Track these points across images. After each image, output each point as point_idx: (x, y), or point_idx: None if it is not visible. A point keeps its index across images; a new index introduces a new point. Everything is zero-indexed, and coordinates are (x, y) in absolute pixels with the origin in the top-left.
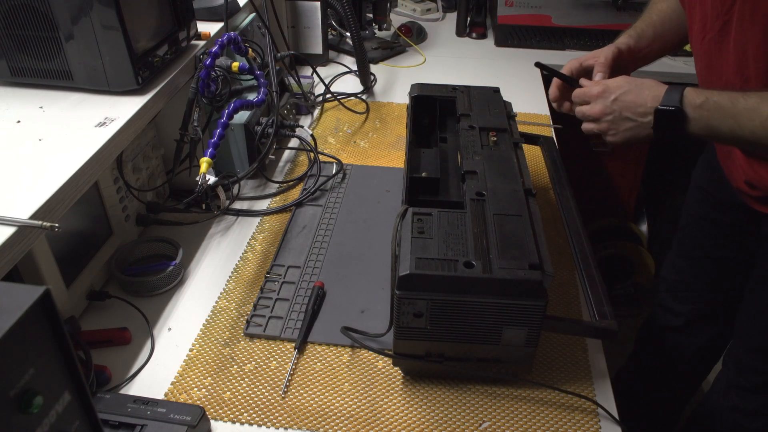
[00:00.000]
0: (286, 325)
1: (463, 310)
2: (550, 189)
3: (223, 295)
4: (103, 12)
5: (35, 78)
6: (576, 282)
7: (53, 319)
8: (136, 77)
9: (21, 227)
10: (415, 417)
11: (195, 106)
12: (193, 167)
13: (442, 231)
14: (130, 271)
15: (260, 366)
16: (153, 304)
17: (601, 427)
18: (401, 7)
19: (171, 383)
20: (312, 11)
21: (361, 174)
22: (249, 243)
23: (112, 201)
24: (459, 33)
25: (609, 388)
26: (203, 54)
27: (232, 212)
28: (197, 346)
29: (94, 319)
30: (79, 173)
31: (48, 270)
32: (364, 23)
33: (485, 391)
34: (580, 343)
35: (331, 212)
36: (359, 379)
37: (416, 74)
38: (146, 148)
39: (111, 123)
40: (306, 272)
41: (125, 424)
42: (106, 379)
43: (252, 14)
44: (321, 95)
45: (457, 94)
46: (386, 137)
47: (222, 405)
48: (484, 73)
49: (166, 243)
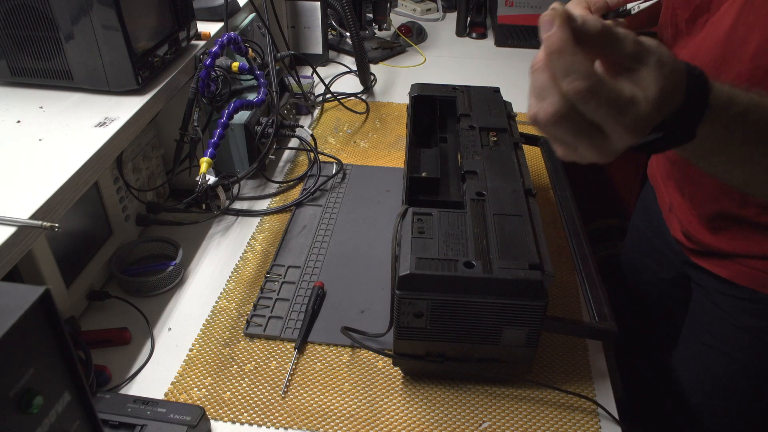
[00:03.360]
0: (286, 325)
1: (463, 310)
2: (550, 189)
3: (223, 295)
4: (103, 12)
5: (35, 78)
6: (576, 282)
7: (53, 319)
8: (136, 77)
9: (21, 227)
10: (415, 417)
11: (195, 106)
12: (193, 167)
13: (442, 231)
14: (130, 271)
15: (260, 366)
16: (153, 304)
17: (601, 427)
18: (401, 7)
19: (171, 383)
20: (312, 11)
21: (361, 174)
22: (249, 243)
23: (112, 201)
24: (459, 33)
25: (609, 388)
26: (203, 54)
27: (232, 212)
28: (197, 346)
29: (94, 319)
30: (79, 173)
31: (48, 270)
32: (364, 23)
33: (485, 391)
34: (580, 343)
35: (331, 212)
36: (359, 379)
37: (416, 74)
38: (146, 148)
39: (111, 123)
40: (306, 272)
41: (125, 424)
42: (106, 379)
43: (252, 14)
44: (321, 95)
45: (457, 94)
46: (386, 137)
47: (222, 405)
48: (484, 73)
49: (166, 243)
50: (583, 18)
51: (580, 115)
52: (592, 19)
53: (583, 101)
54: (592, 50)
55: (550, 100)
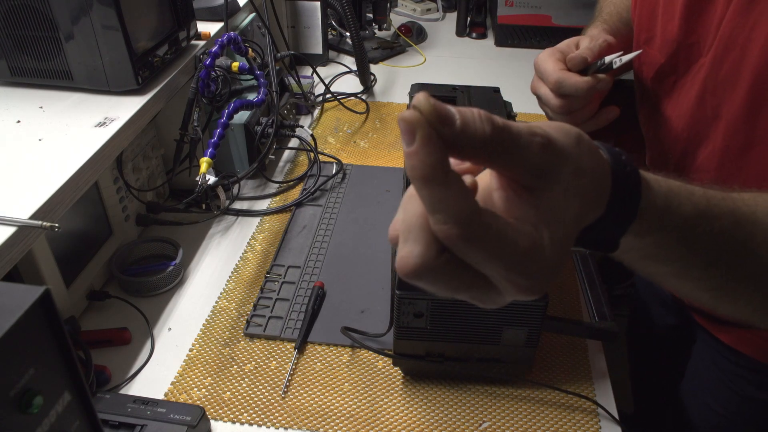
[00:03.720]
0: (286, 325)
1: (463, 310)
2: None
3: (223, 295)
4: (103, 12)
5: (35, 78)
6: (576, 282)
7: (53, 319)
8: (136, 77)
9: (21, 227)
10: (415, 417)
11: (195, 106)
12: (193, 167)
13: None
14: (130, 271)
15: (260, 366)
16: (153, 304)
17: (601, 427)
18: (401, 7)
19: (171, 383)
20: (312, 11)
21: (361, 174)
22: (249, 243)
23: (112, 201)
24: (459, 33)
25: (609, 388)
26: (203, 54)
27: (232, 212)
28: (197, 346)
29: (94, 319)
30: (79, 173)
31: (48, 270)
32: (364, 23)
33: (485, 391)
34: (580, 343)
35: (331, 212)
36: (359, 379)
37: (416, 74)
38: (146, 148)
39: (111, 123)
40: (306, 272)
41: (125, 424)
42: (106, 379)
43: (252, 14)
44: (321, 95)
45: (457, 94)
46: (386, 137)
47: (222, 405)
48: (484, 73)
49: (166, 243)
50: (465, 117)
51: (457, 262)
52: (477, 117)
53: (458, 251)
54: (479, 161)
55: (410, 247)
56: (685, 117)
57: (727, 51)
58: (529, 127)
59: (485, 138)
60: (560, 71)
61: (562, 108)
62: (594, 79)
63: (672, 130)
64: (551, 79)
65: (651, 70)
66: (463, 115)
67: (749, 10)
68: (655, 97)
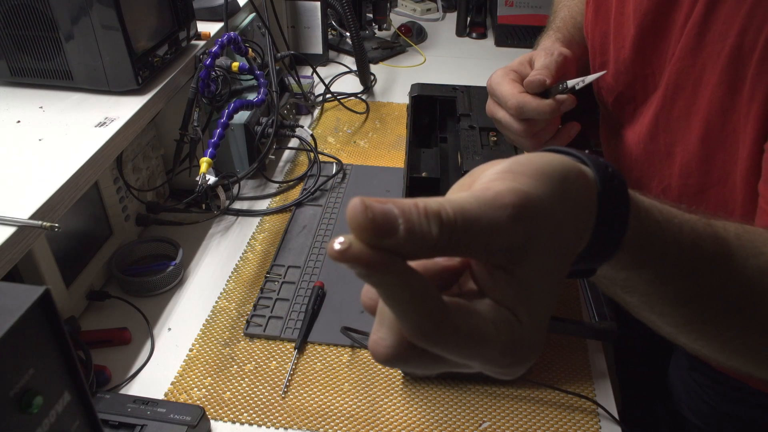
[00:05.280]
0: (286, 325)
1: None
2: None
3: (223, 295)
4: (103, 12)
5: (35, 78)
6: (576, 282)
7: (53, 319)
8: (136, 77)
9: (21, 227)
10: (415, 417)
11: (195, 106)
12: (193, 167)
13: None
14: (130, 271)
15: (260, 366)
16: (153, 304)
17: (601, 427)
18: (401, 7)
19: (171, 383)
20: (312, 11)
21: (361, 174)
22: (249, 243)
23: (112, 201)
24: (459, 33)
25: (609, 388)
26: (203, 54)
27: (232, 212)
28: (197, 346)
29: (94, 319)
30: (79, 173)
31: (48, 270)
32: (364, 23)
33: (485, 391)
34: (581, 343)
35: (331, 212)
36: (359, 379)
37: (416, 74)
38: (146, 148)
39: (111, 123)
40: (306, 272)
41: (125, 424)
42: (106, 379)
43: (252, 14)
44: (321, 95)
45: (457, 94)
46: (386, 137)
47: (222, 405)
48: (484, 73)
49: (166, 243)
50: (409, 220)
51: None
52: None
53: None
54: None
55: (383, 334)
56: (643, 145)
57: (678, 90)
58: (497, 197)
59: (433, 243)
60: (519, 95)
61: (525, 132)
62: (556, 102)
63: (630, 155)
64: (510, 104)
65: (610, 96)
66: (407, 217)
67: (697, 52)
68: (616, 120)
